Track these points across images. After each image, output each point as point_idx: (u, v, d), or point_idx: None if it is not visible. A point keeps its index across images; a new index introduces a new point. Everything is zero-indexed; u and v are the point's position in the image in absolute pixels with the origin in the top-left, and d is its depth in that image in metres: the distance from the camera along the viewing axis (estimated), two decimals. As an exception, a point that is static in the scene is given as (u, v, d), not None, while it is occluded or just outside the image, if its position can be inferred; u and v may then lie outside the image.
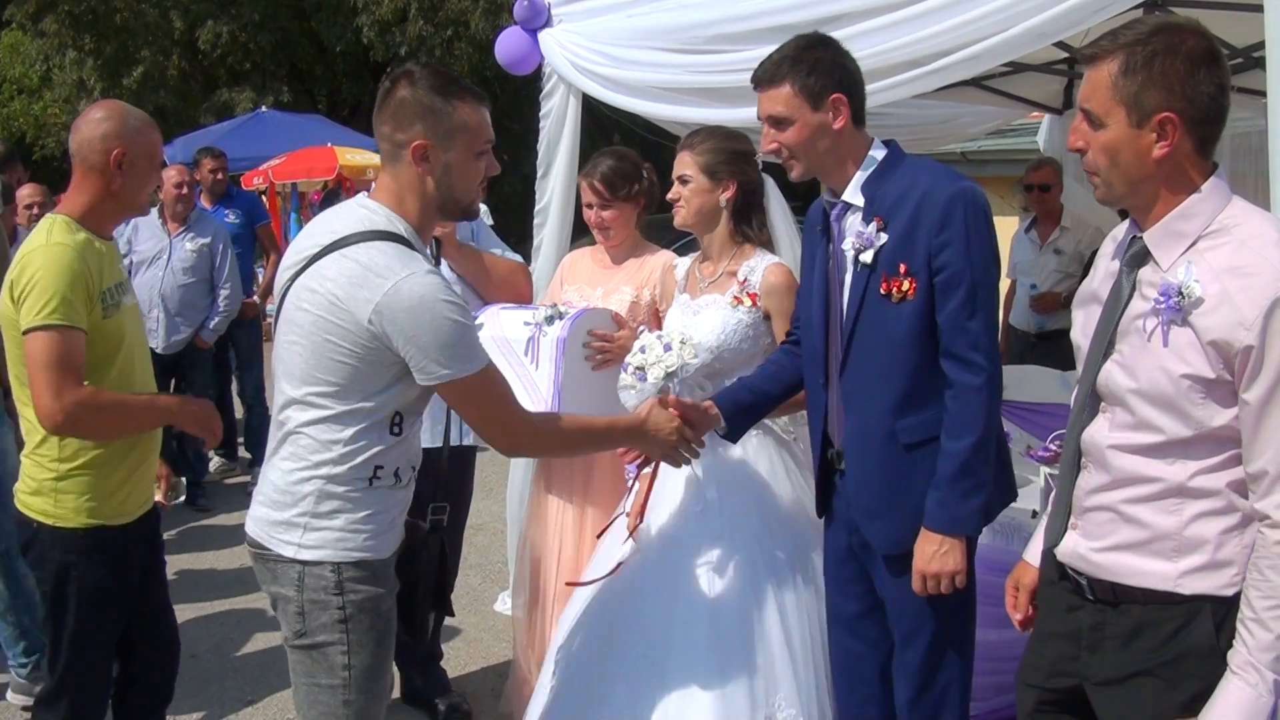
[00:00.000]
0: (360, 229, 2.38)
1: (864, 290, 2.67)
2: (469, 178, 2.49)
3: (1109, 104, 2.00)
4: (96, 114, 2.95)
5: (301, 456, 2.44)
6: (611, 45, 4.20)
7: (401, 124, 2.41)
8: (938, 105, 5.56)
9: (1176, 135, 1.96)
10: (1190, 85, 1.94)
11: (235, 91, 21.45)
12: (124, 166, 2.90)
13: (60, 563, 2.93)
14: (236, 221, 7.60)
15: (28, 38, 21.95)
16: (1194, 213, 1.99)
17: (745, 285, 3.21)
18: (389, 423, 2.43)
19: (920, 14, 3.20)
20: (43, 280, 2.74)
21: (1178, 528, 2.01)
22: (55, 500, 2.91)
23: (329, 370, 2.37)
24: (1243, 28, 4.91)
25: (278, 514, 2.47)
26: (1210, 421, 1.96)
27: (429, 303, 2.29)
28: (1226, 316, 1.89)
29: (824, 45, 2.72)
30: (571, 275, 3.91)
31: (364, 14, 20.64)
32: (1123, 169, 2.02)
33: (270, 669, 4.63)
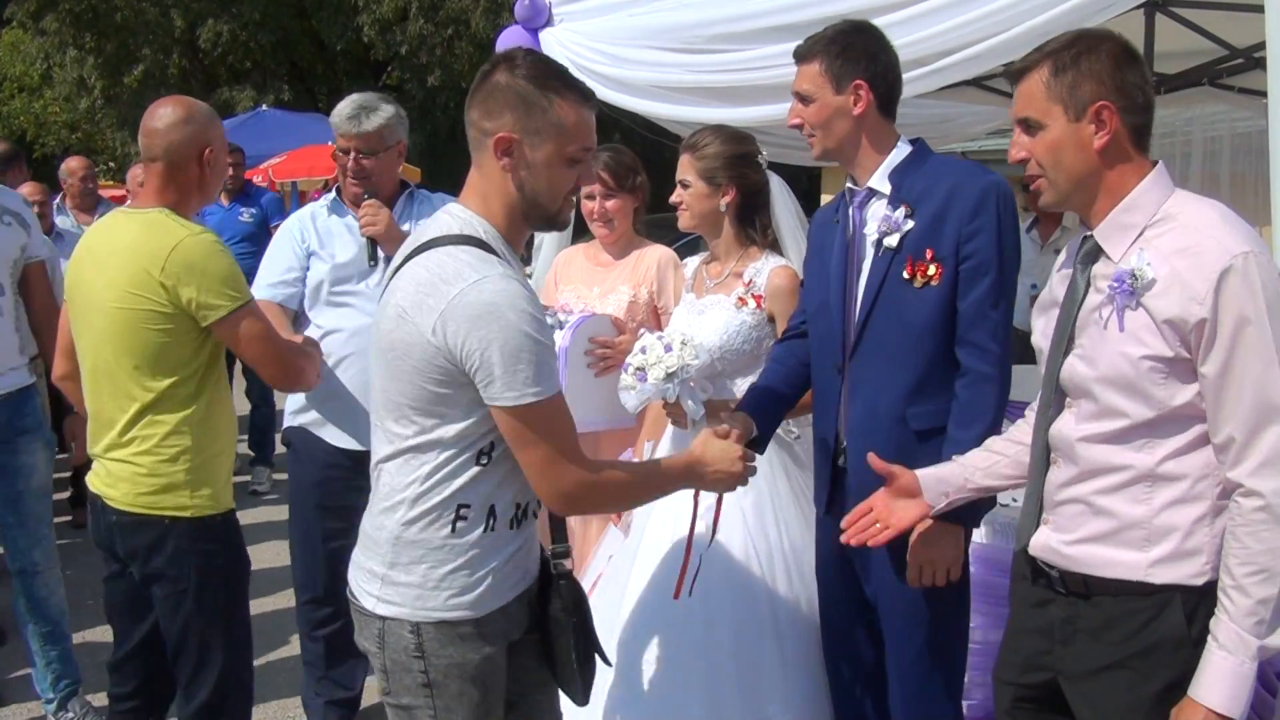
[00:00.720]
0: (437, 235, 2.16)
1: (884, 275, 2.68)
2: (556, 184, 2.21)
3: (1045, 105, 2.09)
4: (179, 113, 2.94)
5: (383, 497, 2.22)
6: (612, 44, 4.20)
7: (491, 111, 2.17)
8: (938, 105, 5.57)
9: (1114, 122, 2.05)
10: (1118, 77, 2.05)
11: (236, 90, 21.46)
12: (211, 164, 2.94)
13: (204, 553, 2.89)
14: (250, 221, 7.54)
15: (28, 36, 21.98)
16: (1138, 204, 2.06)
17: (750, 287, 3.21)
18: (475, 454, 2.15)
19: (921, 14, 3.20)
20: (217, 266, 2.79)
21: (1148, 516, 2.05)
22: (192, 493, 2.87)
23: (402, 393, 2.13)
24: (1244, 28, 4.92)
25: (363, 559, 2.28)
26: (1172, 401, 2.00)
27: (498, 311, 2.01)
28: (1178, 294, 1.95)
29: (861, 32, 2.76)
30: (566, 275, 3.90)
31: (364, 13, 20.66)
32: (1066, 166, 2.10)
33: (271, 672, 4.63)
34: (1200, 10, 5.10)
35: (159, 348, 2.79)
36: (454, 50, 20.89)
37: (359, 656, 3.92)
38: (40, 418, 3.98)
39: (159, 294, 2.75)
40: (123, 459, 2.86)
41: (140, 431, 2.85)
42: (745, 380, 3.22)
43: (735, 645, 3.02)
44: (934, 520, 2.57)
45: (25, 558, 3.91)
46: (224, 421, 2.96)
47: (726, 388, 3.23)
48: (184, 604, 2.89)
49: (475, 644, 2.19)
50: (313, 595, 3.82)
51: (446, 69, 21.02)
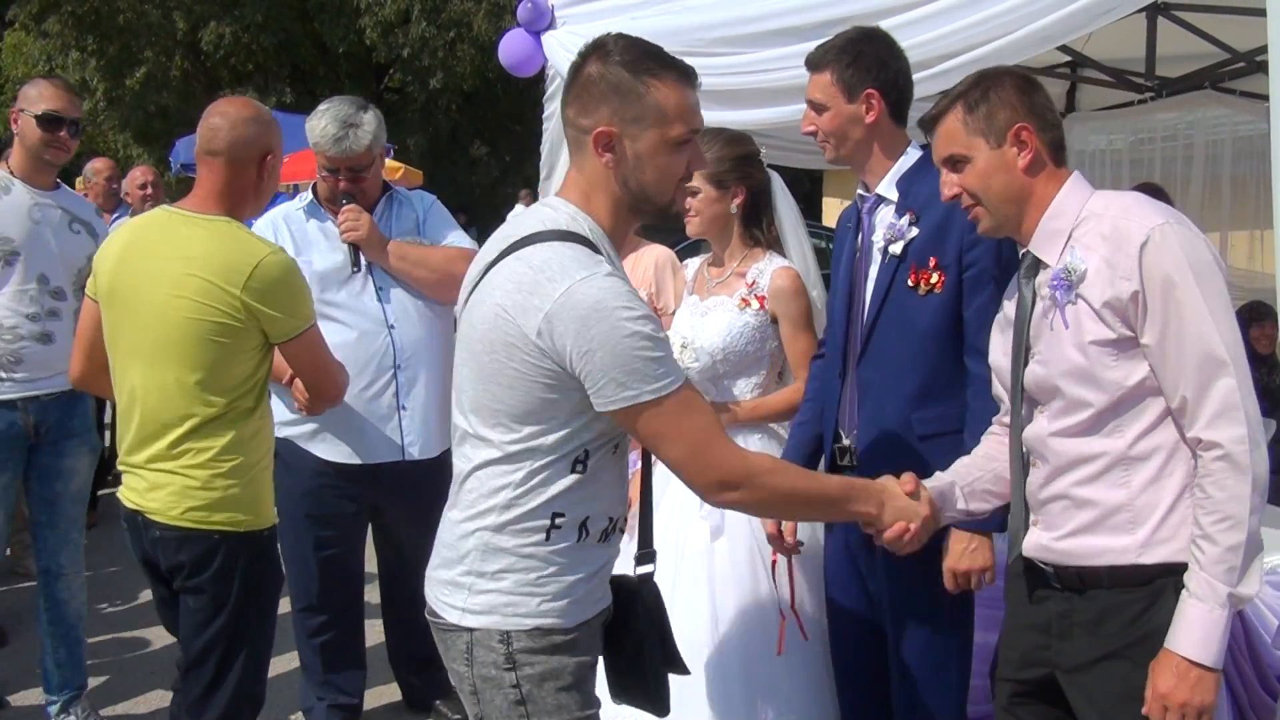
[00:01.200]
0: (538, 229, 2.02)
1: (890, 281, 2.72)
2: (665, 173, 2.06)
3: (967, 140, 2.21)
4: (247, 111, 2.87)
5: (469, 504, 2.07)
6: (615, 47, 4.20)
7: (586, 107, 2.03)
8: (941, 108, 5.56)
9: (1033, 141, 2.17)
10: (1027, 101, 2.19)
11: (238, 92, 21.44)
12: (269, 172, 2.88)
13: (248, 570, 2.82)
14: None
15: (31, 38, 22.01)
16: (1062, 210, 2.17)
17: (753, 288, 3.21)
18: (571, 461, 2.01)
19: (925, 17, 3.20)
20: (296, 286, 2.79)
21: (1129, 499, 2.10)
22: (243, 508, 2.80)
23: (498, 398, 1.99)
24: (1245, 32, 4.92)
25: (445, 572, 2.10)
26: (1127, 380, 2.07)
27: (606, 309, 1.88)
28: (1108, 276, 2.05)
29: (872, 40, 2.77)
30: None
31: (367, 15, 20.70)
32: (998, 189, 2.21)
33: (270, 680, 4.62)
34: (1202, 14, 5.10)
35: (225, 362, 2.73)
36: (456, 53, 20.91)
37: (358, 665, 3.94)
38: (89, 421, 3.97)
39: (235, 309, 2.68)
40: (171, 470, 2.76)
41: (195, 444, 2.76)
42: (747, 381, 3.22)
43: (742, 645, 3.02)
44: (965, 533, 2.62)
45: (52, 558, 3.88)
46: (270, 435, 2.94)
47: (728, 390, 3.23)
48: (217, 619, 2.81)
49: (568, 652, 2.06)
50: (307, 604, 3.80)
51: (448, 71, 21.05)
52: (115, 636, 4.86)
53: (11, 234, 3.67)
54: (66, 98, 3.76)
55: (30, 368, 3.71)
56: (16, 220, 3.69)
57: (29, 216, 3.72)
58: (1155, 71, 5.71)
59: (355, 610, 3.91)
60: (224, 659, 2.83)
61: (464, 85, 21.32)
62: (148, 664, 4.59)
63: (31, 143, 3.70)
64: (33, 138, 3.69)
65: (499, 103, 21.98)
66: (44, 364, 3.73)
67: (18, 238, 3.68)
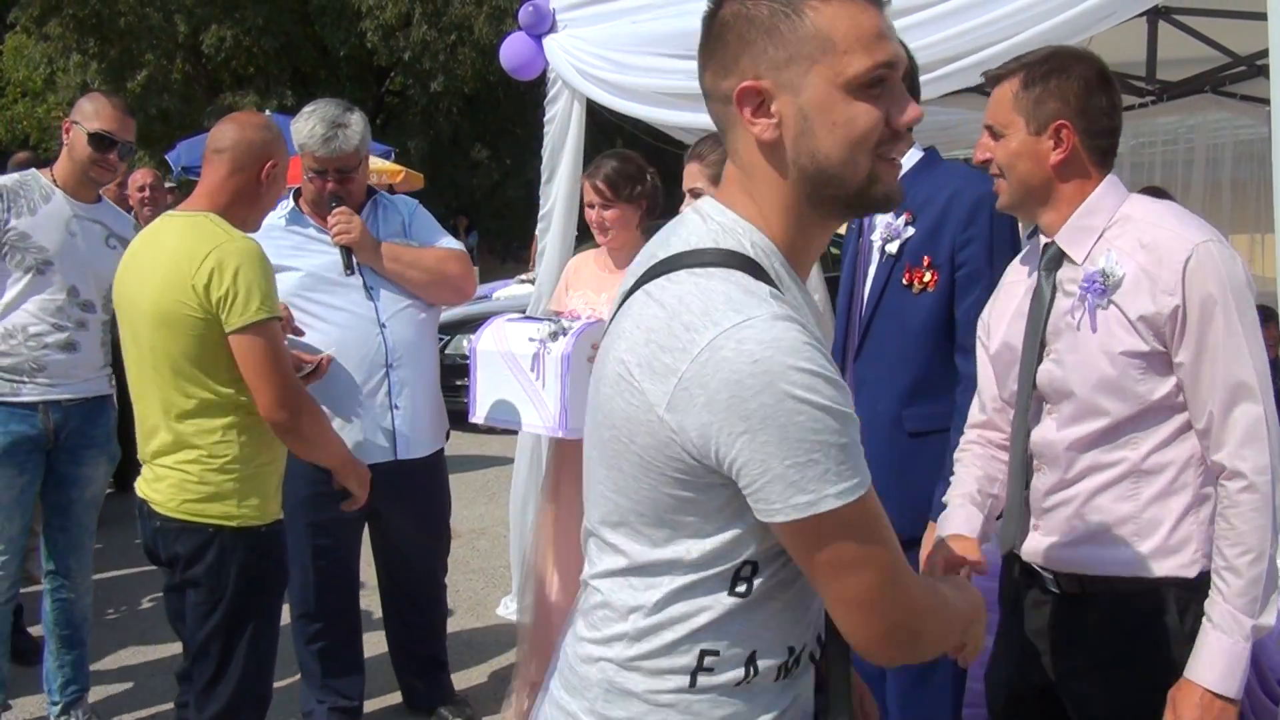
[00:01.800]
0: (680, 249, 1.39)
1: (886, 279, 2.75)
2: (848, 131, 1.34)
3: (1009, 116, 2.15)
4: (257, 119, 2.96)
5: (595, 625, 1.47)
6: (615, 51, 4.21)
7: (725, 64, 1.38)
8: (944, 111, 5.58)
9: (1071, 141, 2.10)
10: (1083, 99, 2.11)
11: (239, 95, 21.49)
12: (269, 180, 2.91)
13: (244, 564, 2.83)
14: None
15: (32, 41, 22.01)
16: (1097, 208, 2.12)
17: None
18: (729, 578, 1.37)
19: (926, 20, 3.21)
20: (248, 275, 2.71)
21: (1136, 511, 2.08)
22: (239, 502, 2.81)
23: (625, 490, 1.39)
24: (1246, 36, 4.93)
25: (564, 698, 1.50)
26: (1152, 395, 2.04)
27: (771, 373, 1.23)
28: (1149, 289, 2.00)
29: None
30: (576, 280, 3.92)
31: (368, 19, 20.71)
32: (1021, 174, 2.15)
33: (273, 673, 4.63)
34: (1202, 18, 5.10)
35: (197, 353, 2.74)
36: (457, 56, 20.92)
37: (357, 669, 3.94)
38: (110, 431, 3.94)
39: (192, 299, 2.69)
40: (170, 465, 2.82)
41: (188, 438, 2.80)
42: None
43: None
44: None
45: (61, 561, 3.87)
46: (270, 432, 2.88)
47: None
48: (215, 613, 2.84)
49: None
50: (304, 610, 3.80)
51: (449, 75, 21.06)
52: (119, 641, 4.86)
53: (47, 243, 3.65)
54: (122, 119, 3.70)
55: (52, 374, 3.69)
56: (53, 230, 3.67)
57: (66, 228, 3.69)
58: (1156, 75, 5.71)
59: (353, 615, 3.92)
60: (224, 652, 2.86)
61: (465, 88, 21.34)
62: (150, 670, 4.59)
63: (80, 158, 3.66)
64: (82, 154, 3.65)
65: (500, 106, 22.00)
66: (66, 371, 3.72)
67: (52, 248, 3.65)
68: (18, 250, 3.61)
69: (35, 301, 3.65)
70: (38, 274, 3.64)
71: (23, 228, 3.61)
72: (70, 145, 3.67)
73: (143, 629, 4.97)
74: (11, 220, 3.60)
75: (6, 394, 3.64)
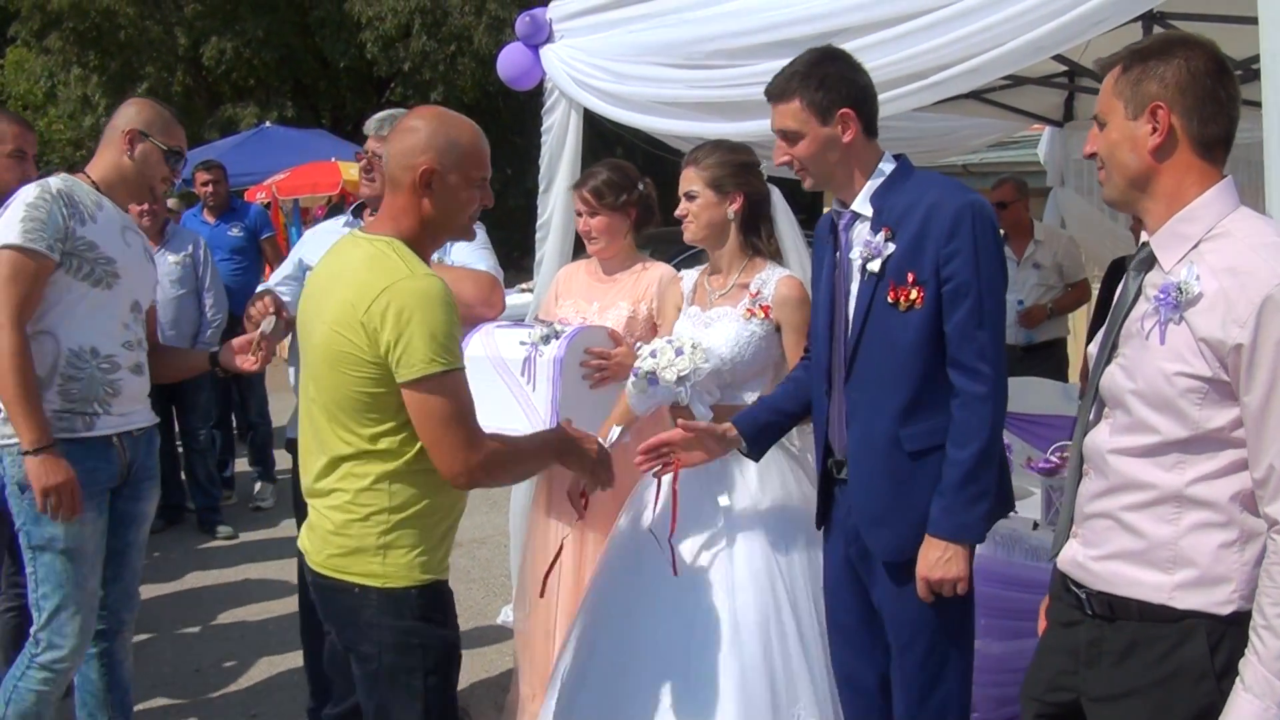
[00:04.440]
0: None
1: (870, 299, 2.70)
2: None
3: (1110, 102, 2.07)
4: (408, 121, 2.57)
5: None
6: (612, 60, 4.22)
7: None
8: (938, 118, 5.58)
9: (1168, 123, 2.00)
10: (1186, 82, 2.00)
11: (239, 107, 21.52)
12: (433, 192, 2.51)
13: (398, 630, 2.49)
14: (240, 235, 7.55)
15: (32, 54, 22.05)
16: (1197, 216, 2.00)
17: (758, 298, 3.23)
18: None
19: (920, 28, 3.21)
20: (424, 321, 2.36)
21: (1173, 538, 1.99)
22: (384, 558, 2.48)
23: None
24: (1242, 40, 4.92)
25: None
26: (1208, 423, 1.95)
27: None
28: (1221, 314, 1.89)
29: (834, 60, 2.75)
30: (567, 290, 3.92)
31: (367, 30, 20.72)
32: (1120, 163, 2.07)
33: (274, 684, 4.63)
34: (1197, 22, 5.11)
35: (357, 395, 2.43)
36: (456, 67, 20.95)
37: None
38: (159, 459, 3.63)
39: (360, 338, 2.38)
40: (320, 509, 2.56)
41: (335, 483, 2.51)
42: (754, 392, 3.23)
43: (761, 648, 3.04)
44: (941, 542, 2.62)
45: (114, 616, 3.45)
46: (432, 481, 2.50)
47: (734, 395, 3.24)
48: (378, 685, 2.54)
49: None
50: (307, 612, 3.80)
51: (449, 85, 21.08)
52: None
53: (113, 254, 3.29)
54: (184, 137, 3.52)
55: (125, 401, 3.33)
56: (115, 239, 3.33)
57: (122, 238, 3.37)
58: (1151, 80, 5.71)
59: None
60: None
61: (464, 98, 21.34)
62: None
63: (152, 172, 3.39)
64: (156, 169, 3.39)
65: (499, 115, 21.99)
66: (136, 396, 3.39)
67: (119, 259, 3.31)
68: (85, 261, 3.21)
69: (102, 319, 3.27)
70: (105, 288, 3.26)
71: (90, 236, 3.22)
72: (140, 158, 3.34)
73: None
74: (78, 228, 3.20)
75: (80, 429, 3.23)
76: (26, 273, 3.10)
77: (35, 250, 3.09)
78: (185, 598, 5.77)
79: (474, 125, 2.59)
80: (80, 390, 3.22)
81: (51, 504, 3.11)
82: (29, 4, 19.95)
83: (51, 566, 3.18)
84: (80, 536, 3.21)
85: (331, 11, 21.30)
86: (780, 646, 3.06)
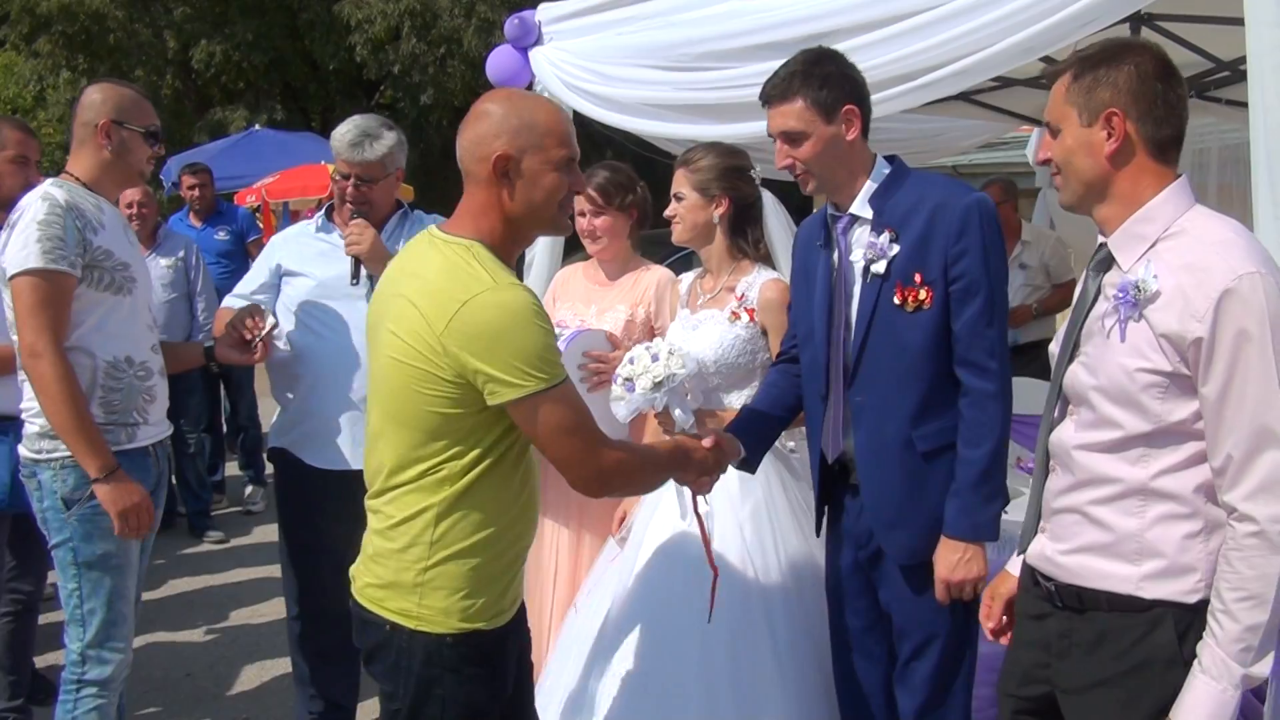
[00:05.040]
0: None
1: (875, 301, 2.69)
2: None
3: (1063, 110, 2.12)
4: (481, 106, 2.31)
5: None
6: (602, 63, 4.22)
7: None
8: (927, 119, 5.59)
9: (1123, 129, 2.05)
10: (1137, 88, 2.05)
11: (229, 110, 21.45)
12: (514, 183, 2.26)
13: (423, 676, 2.27)
14: (227, 239, 7.54)
15: (21, 58, 21.99)
16: (1154, 216, 2.05)
17: (743, 301, 3.23)
18: None
19: (909, 30, 3.22)
20: (513, 340, 2.13)
21: (1140, 530, 2.05)
22: (420, 598, 2.24)
23: None
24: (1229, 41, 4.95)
25: None
26: (1169, 416, 2.00)
27: None
28: (1179, 310, 1.94)
29: (832, 59, 2.76)
30: (564, 293, 3.92)
31: (357, 33, 20.68)
32: (1077, 169, 2.11)
33: (265, 688, 4.62)
34: (1186, 24, 5.13)
35: (429, 415, 2.20)
36: (446, 69, 20.92)
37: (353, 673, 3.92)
38: None
39: (436, 354, 2.15)
40: (370, 530, 2.37)
41: (382, 505, 2.31)
42: (740, 394, 3.23)
43: (730, 656, 3.03)
44: (960, 543, 2.64)
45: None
46: (483, 516, 2.25)
47: (719, 399, 3.24)
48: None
49: None
50: (300, 611, 3.80)
51: (439, 88, 21.05)
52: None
53: (127, 258, 3.19)
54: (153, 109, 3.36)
55: (158, 408, 3.27)
56: (123, 243, 3.22)
57: (126, 238, 3.26)
58: (1140, 80, 5.72)
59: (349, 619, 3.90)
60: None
61: (455, 101, 21.30)
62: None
63: (138, 159, 3.26)
64: (141, 155, 3.25)
65: (489, 118, 22.01)
66: (163, 401, 3.33)
67: (132, 263, 3.21)
68: (105, 271, 3.11)
69: (130, 326, 3.20)
70: (127, 294, 3.18)
71: (104, 244, 3.11)
72: (120, 148, 3.20)
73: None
74: (92, 238, 3.09)
75: (123, 442, 3.16)
76: (54, 295, 3.00)
77: (59, 271, 2.99)
78: (176, 602, 5.76)
79: (552, 102, 2.37)
80: (121, 401, 3.15)
81: (131, 525, 3.07)
82: (18, 7, 19.88)
83: (100, 583, 3.11)
84: (131, 551, 3.17)
85: (321, 14, 21.26)
86: (751, 655, 3.04)
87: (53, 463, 3.08)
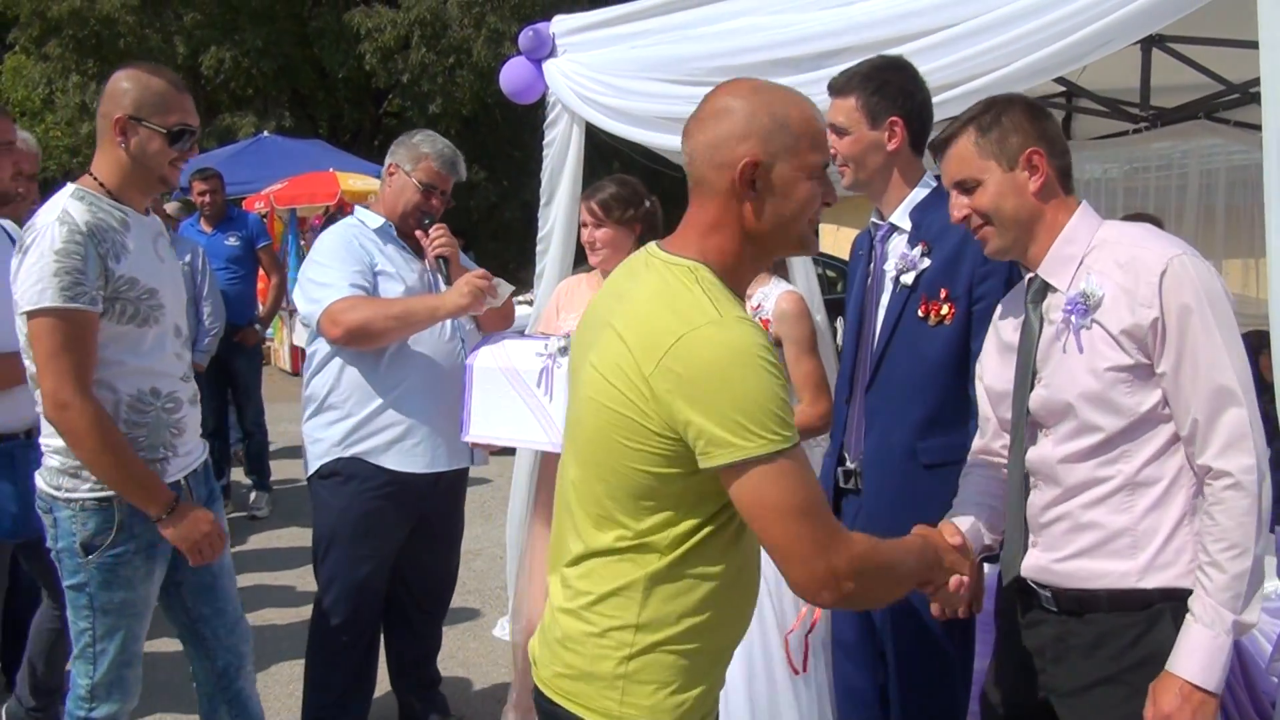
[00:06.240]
0: None
1: (900, 311, 2.75)
2: None
3: (980, 164, 2.24)
4: (719, 102, 1.87)
5: None
6: (614, 76, 4.24)
7: None
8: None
9: (1044, 165, 2.20)
10: (1037, 126, 2.23)
11: (238, 116, 21.55)
12: (757, 191, 1.84)
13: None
14: (237, 244, 7.55)
15: (31, 61, 22.08)
16: (1075, 237, 2.21)
17: (759, 311, 3.25)
18: None
19: (923, 49, 3.24)
20: (737, 388, 1.69)
21: (1131, 523, 2.12)
22: (622, 694, 1.82)
23: None
24: (1240, 63, 4.97)
25: None
26: (1140, 407, 2.10)
27: None
28: (1127, 303, 2.07)
29: (897, 69, 2.83)
30: (568, 303, 3.93)
31: (366, 41, 20.78)
32: (1010, 212, 2.22)
33: (270, 693, 4.61)
34: (1196, 46, 5.15)
35: (633, 473, 1.79)
36: (455, 79, 21.00)
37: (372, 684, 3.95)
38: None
39: (642, 398, 1.74)
40: (555, 606, 1.94)
41: (576, 579, 1.89)
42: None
43: (745, 669, 3.04)
44: None
45: (232, 653, 3.15)
46: (700, 594, 1.83)
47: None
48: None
49: None
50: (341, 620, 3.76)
51: (448, 97, 21.13)
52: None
53: (154, 283, 2.88)
54: (191, 103, 2.95)
55: (189, 437, 3.02)
56: (149, 262, 2.90)
57: (155, 252, 2.94)
58: (1150, 102, 5.76)
59: (378, 629, 3.98)
60: None
61: (463, 110, 21.39)
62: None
63: (154, 162, 2.88)
64: (161, 156, 2.87)
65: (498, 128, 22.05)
66: (194, 429, 3.07)
67: (160, 286, 2.90)
68: (129, 303, 2.81)
69: (156, 357, 2.91)
70: (154, 324, 2.88)
71: (129, 272, 2.81)
72: (138, 149, 2.84)
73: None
74: (115, 266, 2.78)
75: None
76: (75, 337, 2.71)
77: (78, 309, 2.70)
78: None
79: (802, 95, 1.91)
80: (147, 436, 2.88)
81: (205, 554, 2.93)
82: (28, 11, 20.00)
83: (115, 628, 2.91)
84: (149, 597, 2.97)
85: (330, 22, 21.37)
86: (763, 669, 3.05)
87: (72, 503, 2.84)
